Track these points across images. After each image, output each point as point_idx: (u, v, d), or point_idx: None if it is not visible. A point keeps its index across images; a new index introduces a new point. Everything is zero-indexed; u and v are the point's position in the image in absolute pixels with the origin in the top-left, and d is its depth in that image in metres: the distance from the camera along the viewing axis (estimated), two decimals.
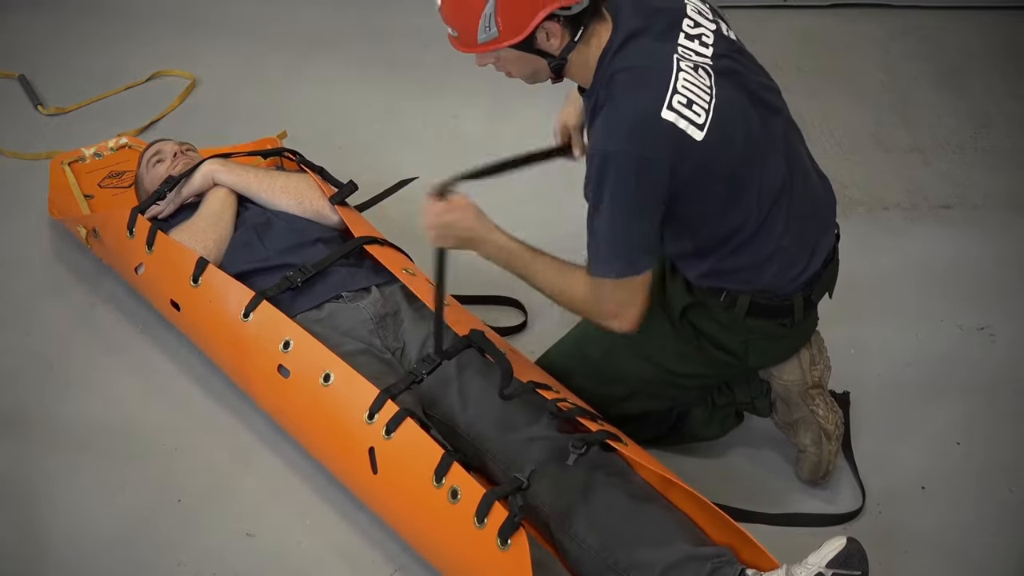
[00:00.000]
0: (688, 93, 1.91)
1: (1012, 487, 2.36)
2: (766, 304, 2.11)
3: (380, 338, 2.38)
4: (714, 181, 1.97)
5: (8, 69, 3.75)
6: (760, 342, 2.16)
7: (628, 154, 1.89)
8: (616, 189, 1.90)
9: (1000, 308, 2.82)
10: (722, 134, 1.94)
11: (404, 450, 2.08)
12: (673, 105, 1.89)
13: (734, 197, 2.00)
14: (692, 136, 1.90)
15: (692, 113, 1.91)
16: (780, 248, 2.07)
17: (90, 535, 2.27)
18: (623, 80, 1.93)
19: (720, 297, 2.11)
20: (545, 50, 1.96)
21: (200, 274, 2.45)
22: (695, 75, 1.94)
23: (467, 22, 1.92)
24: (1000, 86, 3.75)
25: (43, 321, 2.78)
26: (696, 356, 2.18)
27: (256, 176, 2.67)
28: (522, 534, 1.89)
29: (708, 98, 1.94)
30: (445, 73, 3.79)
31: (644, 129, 1.89)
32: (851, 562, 1.85)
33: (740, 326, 2.13)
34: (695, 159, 1.92)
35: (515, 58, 1.98)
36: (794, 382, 2.25)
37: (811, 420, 2.27)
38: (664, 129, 1.89)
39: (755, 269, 2.08)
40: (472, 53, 1.99)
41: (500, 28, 1.91)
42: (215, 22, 4.09)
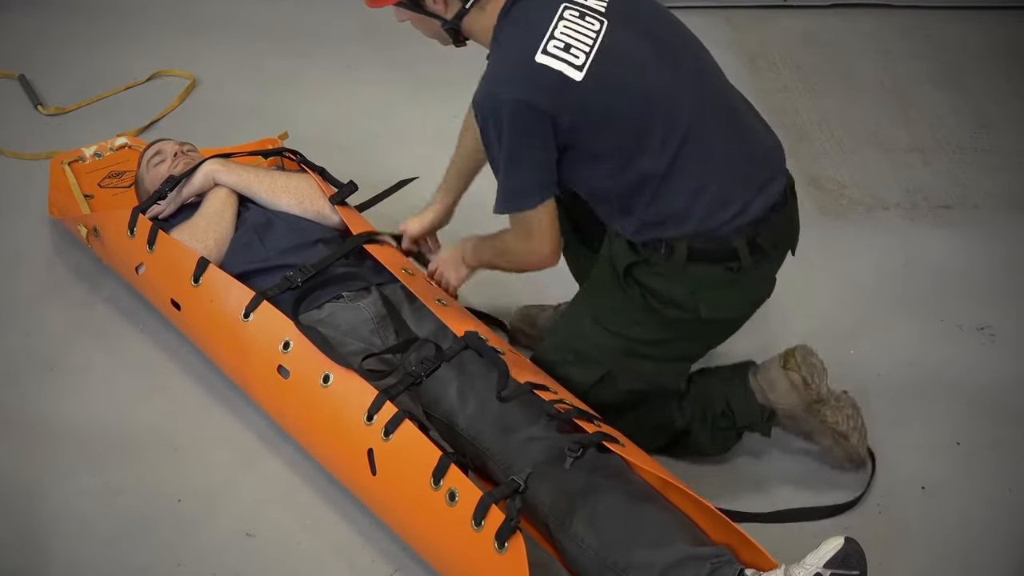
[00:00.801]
0: (566, 38, 1.99)
1: (1012, 487, 2.36)
2: (705, 247, 2.10)
3: (381, 338, 2.38)
4: (609, 124, 2.02)
5: (8, 69, 3.75)
6: (709, 292, 2.14)
7: (502, 98, 1.99)
8: (497, 132, 2.01)
9: (1000, 308, 2.82)
10: (606, 75, 1.99)
11: (402, 452, 2.08)
12: (548, 49, 1.98)
13: (637, 141, 2.04)
14: (569, 76, 1.97)
15: (569, 55, 1.98)
16: (703, 188, 2.07)
17: (90, 535, 2.27)
18: (504, 36, 2.05)
19: (660, 249, 2.12)
20: (435, 13, 2.10)
21: (201, 274, 2.45)
22: (579, 22, 2.01)
23: None
24: (1000, 86, 3.75)
25: (43, 321, 2.78)
26: (650, 318, 2.18)
27: (257, 176, 2.67)
28: (519, 537, 1.89)
29: (590, 42, 2.00)
30: (445, 73, 3.79)
31: (517, 73, 1.99)
32: (849, 562, 1.85)
33: (684, 275, 2.12)
34: (576, 99, 1.98)
35: (415, 18, 2.15)
36: (793, 404, 2.26)
37: (823, 428, 2.28)
38: (537, 71, 1.97)
39: (682, 212, 2.08)
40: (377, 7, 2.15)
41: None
42: (215, 22, 4.09)
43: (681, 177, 2.06)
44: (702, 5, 4.02)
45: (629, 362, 2.24)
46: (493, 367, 2.19)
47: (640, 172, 2.06)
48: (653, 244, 2.13)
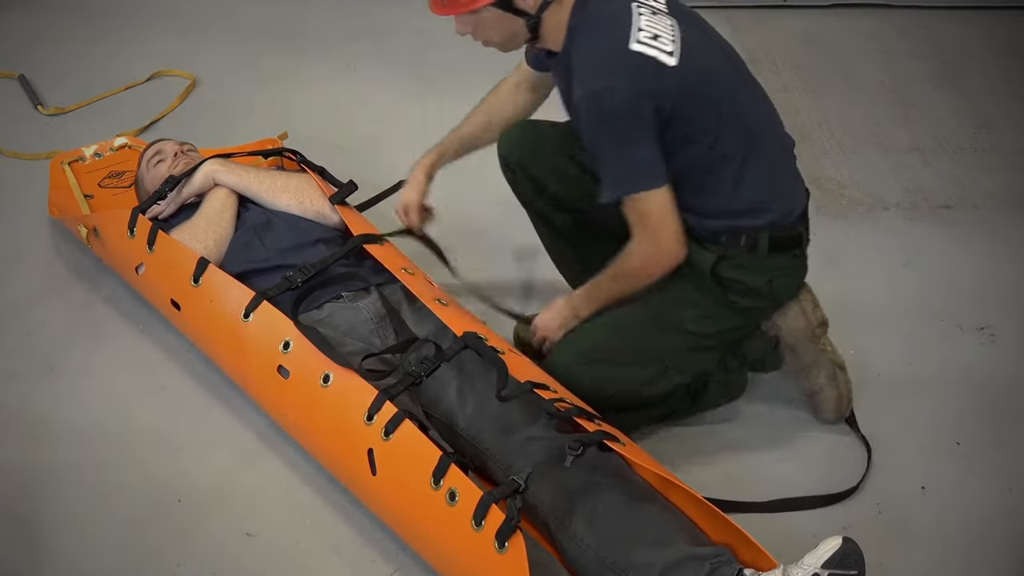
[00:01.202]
0: (652, 29, 2.06)
1: (1012, 487, 2.36)
2: (781, 236, 2.24)
3: (380, 338, 2.38)
4: (701, 107, 2.10)
5: (8, 69, 3.76)
6: (782, 279, 2.28)
7: (607, 87, 2.03)
8: (606, 120, 2.04)
9: (1000, 308, 2.82)
10: (696, 62, 2.08)
11: (402, 451, 2.08)
12: (640, 39, 2.04)
13: (722, 124, 2.13)
14: (665, 62, 2.04)
15: (660, 43, 2.05)
16: (776, 179, 2.24)
17: (90, 535, 2.27)
18: (587, 29, 2.08)
19: (740, 242, 2.21)
20: (522, 8, 2.09)
21: (201, 274, 2.45)
22: (655, 18, 2.09)
23: None
24: (1000, 86, 3.75)
25: (43, 321, 2.78)
26: (724, 311, 2.27)
27: (257, 176, 2.67)
28: (519, 537, 1.89)
29: (673, 34, 2.08)
30: (445, 73, 3.80)
31: (616, 62, 2.04)
32: (847, 562, 1.84)
33: (764, 264, 2.24)
34: (675, 84, 2.05)
35: (494, 20, 2.10)
36: (801, 328, 2.35)
37: (822, 360, 2.38)
38: (635, 58, 2.02)
39: (764, 200, 2.21)
40: (455, 14, 2.10)
41: None
42: (215, 22, 4.09)
43: (760, 164, 2.19)
44: (702, 5, 3.99)
45: (694, 356, 2.33)
46: (492, 367, 2.19)
47: (725, 155, 2.15)
48: (734, 236, 2.22)
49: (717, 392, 2.45)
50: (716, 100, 2.13)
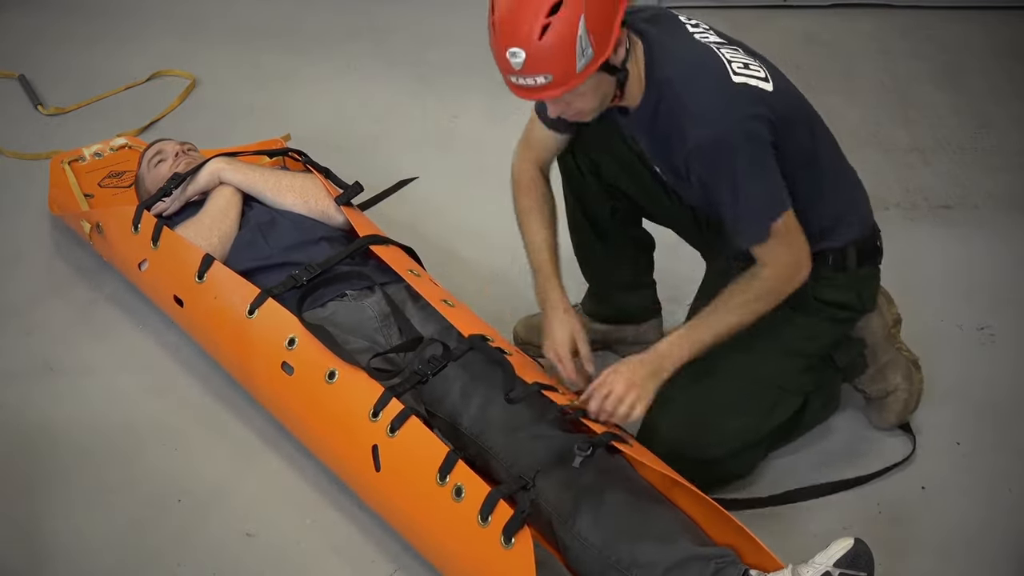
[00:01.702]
0: (736, 59, 2.00)
1: (1012, 487, 2.36)
2: (865, 249, 2.23)
3: (384, 336, 2.38)
4: (797, 127, 2.07)
5: (8, 69, 3.76)
6: (868, 289, 2.28)
7: (727, 127, 1.95)
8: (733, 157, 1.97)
9: (1000, 308, 2.82)
10: (783, 84, 2.06)
11: (408, 448, 2.08)
12: (735, 69, 1.98)
13: (813, 141, 2.12)
14: (764, 88, 1.99)
15: (752, 71, 2.00)
16: (856, 190, 2.24)
17: (90, 535, 2.27)
18: (680, 75, 1.98)
19: (828, 261, 2.19)
20: (616, 64, 1.97)
21: (205, 270, 2.45)
22: (729, 48, 2.03)
23: (564, 56, 1.86)
24: (1000, 86, 3.75)
25: (43, 320, 2.78)
26: (822, 326, 2.25)
27: (262, 175, 2.67)
28: (526, 532, 1.89)
29: (751, 60, 2.03)
30: (445, 73, 3.80)
31: (727, 98, 1.96)
32: (858, 563, 1.85)
33: (852, 280, 2.23)
34: (777, 108, 2.00)
35: (594, 85, 1.96)
36: (880, 326, 2.36)
37: (898, 358, 2.38)
38: (742, 89, 1.96)
39: (851, 213, 2.21)
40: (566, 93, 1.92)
41: (594, 46, 1.88)
42: (215, 22, 4.09)
43: (843, 177, 2.21)
44: (702, 5, 4.02)
45: (806, 376, 2.29)
46: (498, 367, 2.19)
47: (820, 170, 2.13)
48: (822, 259, 2.16)
49: (820, 408, 2.40)
50: (807, 120, 2.11)
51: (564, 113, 2.03)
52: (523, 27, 1.85)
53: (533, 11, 1.84)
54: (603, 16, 1.87)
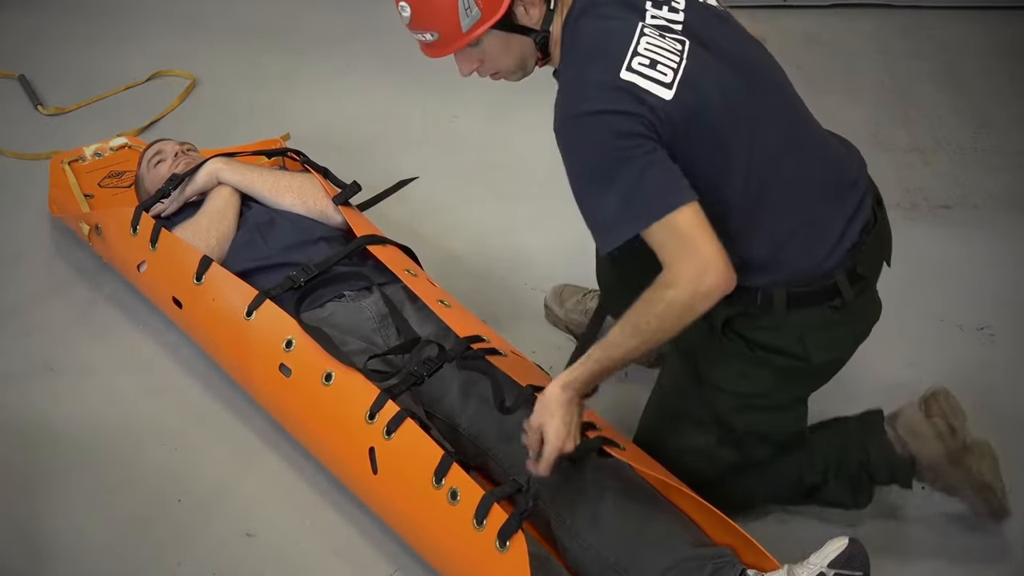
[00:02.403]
0: (651, 54, 1.80)
1: (1012, 487, 2.36)
2: (804, 291, 1.94)
3: (383, 337, 2.38)
4: (697, 146, 1.82)
5: (8, 69, 3.76)
6: (817, 335, 1.98)
7: (586, 113, 1.78)
8: (594, 147, 1.78)
9: (1000, 308, 2.82)
10: (696, 95, 1.80)
11: (404, 450, 2.08)
12: (633, 66, 1.78)
13: (724, 168, 1.86)
14: (659, 95, 1.77)
15: (657, 73, 1.79)
16: (796, 223, 1.92)
17: (90, 535, 2.27)
18: (581, 47, 1.85)
19: (756, 299, 1.96)
20: (526, 25, 1.89)
21: (203, 272, 2.45)
22: (660, 39, 1.83)
23: (446, 14, 1.85)
24: (1000, 86, 3.75)
25: (43, 320, 2.78)
26: (759, 370, 2.02)
27: (260, 175, 2.67)
28: (520, 536, 1.89)
29: (677, 59, 1.81)
30: (445, 73, 3.78)
31: (603, 89, 1.78)
32: (853, 563, 1.84)
33: (787, 323, 1.96)
34: (670, 120, 1.78)
35: (501, 45, 1.90)
36: (939, 454, 2.10)
37: (968, 479, 2.12)
38: (625, 87, 1.77)
39: (775, 254, 1.92)
40: (455, 51, 1.91)
41: (481, 6, 1.84)
42: (215, 22, 4.09)
43: (771, 212, 1.91)
44: None
45: (746, 417, 2.08)
46: (494, 366, 2.19)
47: (727, 203, 1.87)
48: (748, 293, 1.93)
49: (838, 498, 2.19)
50: (719, 141, 1.85)
51: (480, 72, 1.97)
52: None
53: None
54: None
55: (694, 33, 1.88)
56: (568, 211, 3.14)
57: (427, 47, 1.94)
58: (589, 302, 2.68)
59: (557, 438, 1.88)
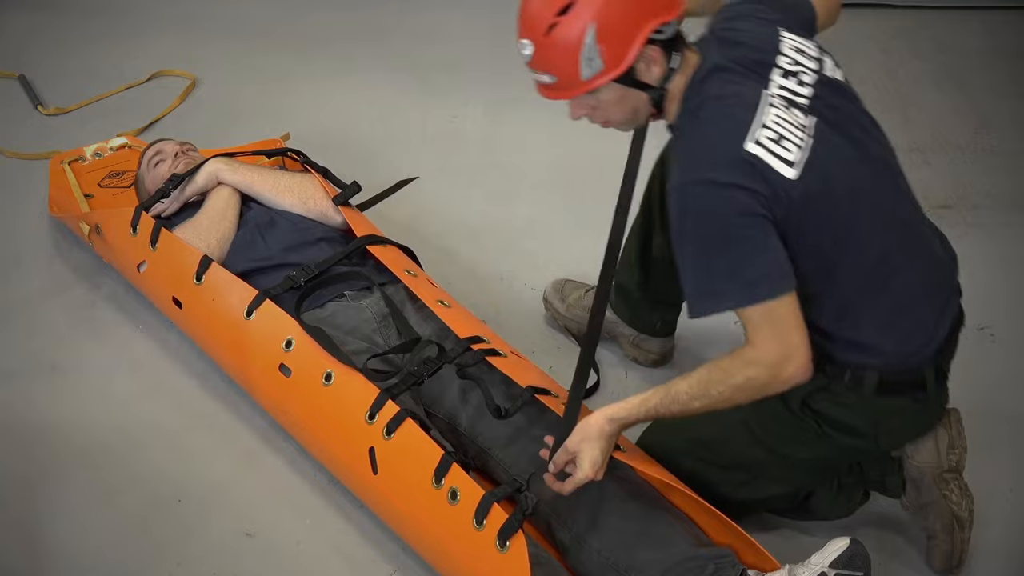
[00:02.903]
0: (778, 128, 1.79)
1: (1012, 487, 2.36)
2: (896, 380, 1.94)
3: (383, 337, 2.38)
4: (817, 232, 1.82)
5: (8, 69, 3.76)
6: (891, 422, 1.99)
7: (710, 183, 1.76)
8: (705, 224, 1.77)
9: (1000, 308, 2.82)
10: (821, 178, 1.79)
11: (404, 450, 2.08)
12: (759, 139, 1.77)
13: (839, 250, 1.85)
14: (783, 173, 1.76)
15: (782, 149, 1.78)
16: (902, 314, 1.92)
17: (90, 535, 2.27)
18: (707, 110, 1.82)
19: (844, 377, 1.94)
20: (646, 81, 1.85)
21: (203, 272, 2.45)
22: (787, 112, 1.82)
23: (567, 59, 1.80)
24: (1000, 86, 3.75)
25: (43, 321, 2.78)
26: (819, 442, 2.01)
27: (260, 175, 2.67)
28: (520, 536, 1.90)
29: (803, 137, 1.81)
30: (445, 73, 3.80)
31: (726, 160, 1.77)
32: (854, 563, 1.84)
33: (869, 406, 1.96)
34: (790, 199, 1.77)
35: (616, 98, 1.86)
36: (929, 464, 2.08)
37: (943, 506, 2.09)
38: (748, 160, 1.76)
39: (878, 339, 1.92)
40: (571, 98, 1.86)
41: (604, 58, 1.79)
42: (215, 22, 4.09)
43: (880, 298, 1.90)
44: None
45: (785, 474, 2.11)
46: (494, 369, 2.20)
47: (838, 285, 1.87)
48: (837, 367, 1.94)
49: (825, 505, 2.19)
50: (837, 224, 1.83)
51: (591, 118, 1.93)
52: (533, 20, 1.83)
53: (545, 5, 1.81)
54: (619, 30, 1.78)
55: (821, 110, 1.86)
56: (567, 211, 3.16)
57: (543, 87, 1.89)
58: (588, 300, 2.66)
59: (592, 468, 1.92)
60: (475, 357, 2.23)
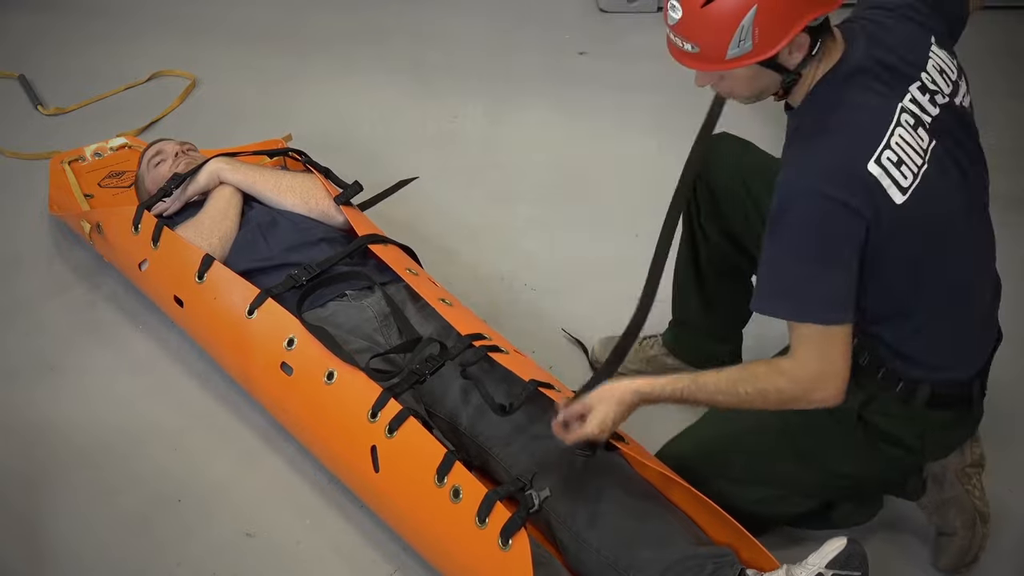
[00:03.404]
0: (900, 151, 1.76)
1: (1012, 487, 2.36)
2: (947, 393, 1.95)
3: (384, 336, 2.39)
4: (907, 249, 1.81)
5: (8, 69, 3.76)
6: (936, 435, 2.00)
7: (821, 194, 1.74)
8: (801, 231, 1.76)
9: (1000, 308, 2.81)
10: (924, 205, 1.78)
11: (406, 449, 2.08)
12: (882, 160, 1.75)
13: (926, 270, 1.84)
14: (892, 197, 1.75)
15: (899, 174, 1.76)
16: (961, 340, 1.95)
17: (90, 535, 2.27)
18: (838, 116, 1.78)
19: (896, 387, 1.94)
20: (784, 65, 1.78)
21: (205, 271, 2.45)
22: (914, 133, 1.79)
23: (718, 35, 1.72)
24: (1000, 86, 3.74)
25: (43, 320, 2.78)
26: (866, 454, 2.01)
27: (262, 175, 2.67)
28: (523, 534, 1.89)
29: (920, 162, 1.78)
30: (445, 73, 3.80)
31: (844, 174, 1.74)
32: (852, 562, 1.84)
33: (917, 417, 1.96)
34: (890, 224, 1.76)
35: (751, 75, 1.79)
36: (952, 460, 2.10)
37: (965, 500, 2.11)
38: (866, 181, 1.74)
39: (944, 356, 1.94)
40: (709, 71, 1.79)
41: (756, 41, 1.71)
42: (215, 22, 4.09)
43: (949, 321, 1.91)
44: None
45: (819, 490, 2.11)
46: (495, 364, 2.20)
47: (916, 306, 1.88)
48: (891, 378, 1.94)
49: (847, 515, 2.18)
50: (929, 248, 1.83)
51: (714, 86, 1.86)
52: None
53: None
54: (780, 16, 1.70)
55: (942, 134, 1.84)
56: (567, 211, 3.16)
57: (679, 53, 1.80)
58: (649, 350, 2.57)
59: (599, 427, 1.91)
60: (477, 354, 2.23)
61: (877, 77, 1.81)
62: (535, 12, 4.05)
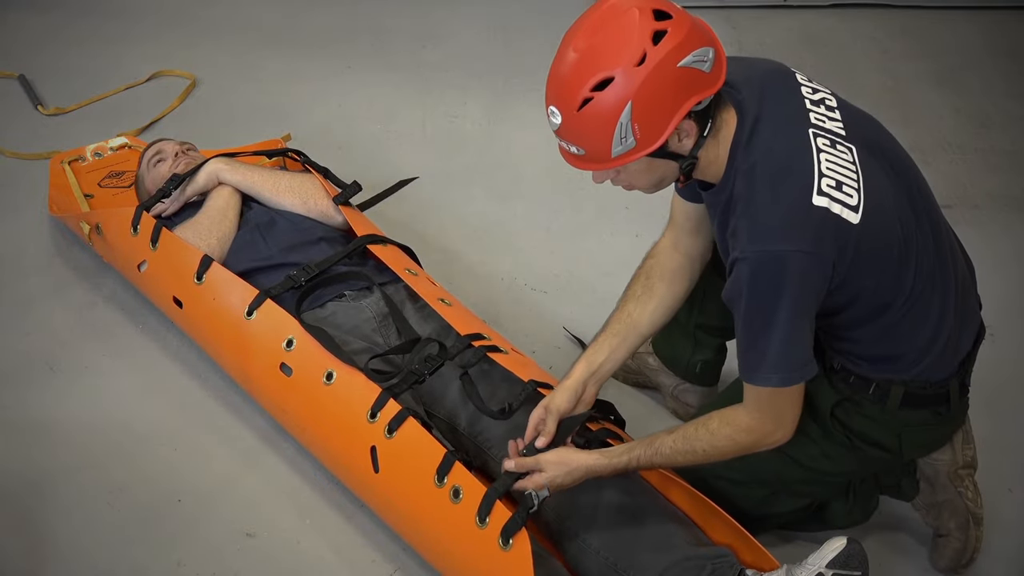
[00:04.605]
0: (834, 174, 1.75)
1: (1012, 487, 2.36)
2: (920, 393, 1.96)
3: (383, 337, 2.39)
4: (873, 264, 1.80)
5: (8, 69, 3.76)
6: (915, 434, 2.01)
7: (784, 254, 1.72)
8: (774, 295, 1.74)
9: (1000, 308, 2.81)
10: (877, 212, 1.77)
11: (406, 449, 2.08)
12: (823, 189, 1.73)
13: (890, 277, 1.84)
14: (848, 220, 1.74)
15: (843, 195, 1.74)
16: (939, 332, 1.91)
17: (90, 534, 2.27)
18: (763, 170, 1.76)
19: (869, 390, 1.96)
20: (677, 152, 1.78)
21: (204, 272, 2.45)
22: (835, 152, 1.78)
23: (599, 136, 1.72)
24: (1000, 86, 3.75)
25: (43, 321, 2.78)
26: (846, 455, 2.02)
27: (261, 175, 2.67)
28: (524, 534, 1.90)
29: (855, 175, 1.77)
30: (445, 73, 3.80)
31: (797, 222, 1.72)
32: (851, 562, 1.84)
33: (893, 419, 1.97)
34: (856, 244, 1.76)
35: (644, 168, 1.79)
36: (944, 462, 2.11)
37: (958, 503, 2.12)
38: (818, 217, 1.72)
39: (912, 356, 1.92)
40: (598, 171, 1.79)
41: (637, 137, 1.71)
42: (215, 22, 4.09)
43: (921, 322, 1.89)
44: (703, 5, 4.02)
45: (805, 488, 2.11)
46: (494, 364, 2.20)
47: (887, 313, 1.87)
48: (863, 382, 1.96)
49: (841, 516, 2.19)
50: (892, 257, 1.82)
51: (613, 181, 1.85)
52: (566, 91, 1.72)
53: (580, 78, 1.69)
54: (657, 109, 1.69)
55: (856, 138, 1.83)
56: (567, 211, 3.16)
57: (569, 156, 1.81)
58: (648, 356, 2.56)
59: (549, 483, 1.96)
60: (476, 354, 2.23)
61: (774, 115, 1.80)
62: (535, 11, 4.06)
